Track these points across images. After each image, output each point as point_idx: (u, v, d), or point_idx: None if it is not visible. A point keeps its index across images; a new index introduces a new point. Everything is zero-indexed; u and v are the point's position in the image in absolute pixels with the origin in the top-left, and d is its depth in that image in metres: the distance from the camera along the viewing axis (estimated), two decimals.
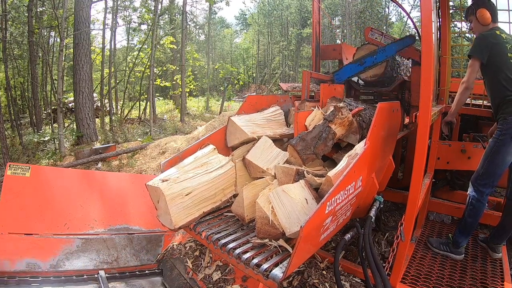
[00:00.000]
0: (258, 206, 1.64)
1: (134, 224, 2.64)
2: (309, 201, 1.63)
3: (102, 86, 11.68)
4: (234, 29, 42.30)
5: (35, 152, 8.16)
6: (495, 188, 2.40)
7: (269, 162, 2.14)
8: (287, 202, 1.60)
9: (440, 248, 2.50)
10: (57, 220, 2.33)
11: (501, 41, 2.18)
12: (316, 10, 3.42)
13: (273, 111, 2.62)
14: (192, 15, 20.99)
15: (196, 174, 1.95)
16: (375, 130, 1.73)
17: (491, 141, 2.24)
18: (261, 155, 2.18)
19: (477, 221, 2.34)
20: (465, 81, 2.30)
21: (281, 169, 1.90)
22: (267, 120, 2.52)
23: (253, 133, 2.28)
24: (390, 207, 3.47)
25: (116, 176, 2.99)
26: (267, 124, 2.49)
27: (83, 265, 2.26)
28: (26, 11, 9.78)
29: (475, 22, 2.33)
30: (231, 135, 2.35)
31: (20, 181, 2.29)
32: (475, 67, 2.23)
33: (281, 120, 2.61)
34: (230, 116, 2.36)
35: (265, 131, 2.38)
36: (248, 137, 2.24)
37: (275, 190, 1.66)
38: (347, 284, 2.03)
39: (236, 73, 20.39)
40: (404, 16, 27.28)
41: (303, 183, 1.72)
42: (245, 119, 2.39)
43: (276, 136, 2.39)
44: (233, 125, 2.32)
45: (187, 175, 1.92)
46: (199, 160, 2.08)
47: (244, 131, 2.25)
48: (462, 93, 2.35)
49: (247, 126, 2.31)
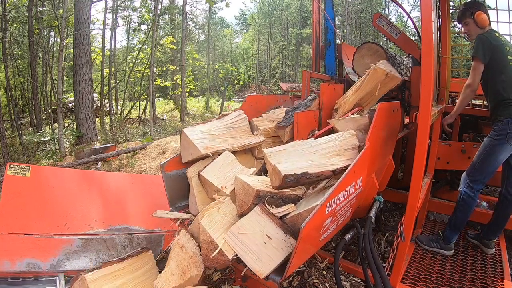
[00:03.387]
0: (202, 229, 1.49)
1: (134, 224, 2.63)
2: (272, 234, 1.41)
3: (102, 86, 11.68)
4: (234, 29, 42.35)
5: (35, 152, 8.16)
6: (485, 185, 2.42)
7: (227, 180, 1.88)
8: (249, 241, 1.43)
9: (430, 245, 2.54)
10: (57, 220, 2.33)
11: (501, 43, 2.19)
12: (316, 10, 3.42)
13: (235, 117, 2.28)
14: (192, 15, 20.99)
15: None
16: (375, 130, 1.73)
17: (486, 140, 2.27)
18: (219, 171, 1.92)
19: (468, 217, 2.37)
20: (470, 84, 2.29)
21: (241, 184, 1.62)
22: (227, 128, 2.19)
23: (207, 148, 1.97)
24: (390, 207, 3.47)
25: (116, 176, 2.99)
26: (228, 134, 2.17)
27: (83, 265, 2.26)
28: (26, 11, 9.78)
29: (472, 25, 2.33)
30: (184, 151, 2.04)
31: (20, 181, 2.29)
32: (479, 69, 2.22)
33: (244, 127, 2.28)
34: (183, 128, 2.07)
35: (223, 144, 2.07)
36: (200, 154, 1.94)
37: (230, 231, 1.48)
38: (347, 284, 2.03)
39: (236, 73, 20.42)
40: (404, 16, 27.25)
41: (259, 210, 1.48)
42: (201, 130, 2.07)
43: (235, 149, 2.12)
44: (185, 139, 2.00)
45: None
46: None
47: (196, 146, 1.94)
48: (467, 95, 2.34)
49: (201, 139, 2.00)
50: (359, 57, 2.81)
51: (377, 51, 2.71)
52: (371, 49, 2.76)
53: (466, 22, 2.37)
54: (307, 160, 1.53)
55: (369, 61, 2.73)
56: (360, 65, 2.82)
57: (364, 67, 2.77)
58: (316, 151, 1.61)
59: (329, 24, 3.21)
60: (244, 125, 2.29)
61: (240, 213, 1.63)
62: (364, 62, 2.76)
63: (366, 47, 2.80)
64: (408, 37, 3.02)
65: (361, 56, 2.78)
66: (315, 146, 1.64)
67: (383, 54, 2.64)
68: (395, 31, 2.93)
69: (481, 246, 2.55)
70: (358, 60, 2.84)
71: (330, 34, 3.24)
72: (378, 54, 2.69)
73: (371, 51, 2.74)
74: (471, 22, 2.32)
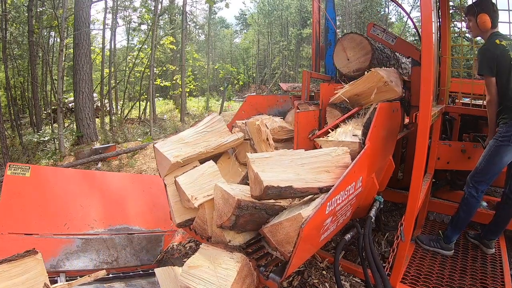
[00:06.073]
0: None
1: (134, 224, 2.64)
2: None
3: (102, 86, 11.68)
4: (234, 29, 42.36)
5: (35, 152, 8.16)
6: (490, 186, 2.42)
7: (202, 191, 1.73)
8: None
9: (430, 245, 2.54)
10: (57, 220, 2.33)
11: (503, 50, 2.18)
12: (316, 10, 3.42)
13: (208, 121, 2.15)
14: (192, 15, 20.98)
15: None
16: (375, 130, 1.73)
17: (491, 141, 2.27)
18: (197, 180, 1.78)
19: (470, 217, 2.37)
20: (490, 100, 2.27)
21: (221, 192, 1.51)
22: (202, 133, 2.07)
23: (177, 156, 1.86)
24: (390, 207, 3.47)
25: (116, 176, 2.99)
26: (203, 138, 2.05)
27: (83, 265, 2.27)
28: (26, 11, 9.79)
29: (473, 24, 2.33)
30: (160, 166, 1.93)
31: (20, 181, 2.29)
32: (492, 83, 2.22)
33: (220, 129, 2.14)
34: (154, 144, 1.96)
35: (196, 148, 1.96)
36: (171, 163, 1.82)
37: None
38: (347, 284, 2.03)
39: (236, 73, 20.41)
40: (404, 16, 27.25)
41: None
42: (172, 140, 1.98)
43: (209, 151, 2.02)
44: (158, 153, 1.89)
45: None
46: None
47: (166, 157, 1.82)
48: (493, 110, 2.32)
49: (172, 149, 1.89)
50: (340, 50, 2.56)
51: (360, 42, 2.47)
52: (354, 41, 2.51)
53: (469, 18, 2.37)
54: (293, 172, 1.43)
55: (351, 54, 2.53)
56: (340, 60, 2.59)
57: (346, 62, 2.57)
58: (304, 164, 1.49)
59: (330, 24, 3.20)
60: (219, 127, 2.14)
61: (220, 224, 1.51)
62: (346, 55, 2.54)
63: (348, 38, 2.53)
64: (404, 40, 3.01)
65: (343, 49, 2.54)
66: (305, 158, 1.53)
67: (368, 46, 2.43)
68: (391, 37, 2.91)
69: (481, 246, 2.55)
70: (338, 53, 2.59)
71: (330, 34, 3.24)
72: (361, 46, 2.47)
73: (354, 43, 2.51)
74: (473, 21, 2.32)
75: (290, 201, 1.61)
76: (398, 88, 2.01)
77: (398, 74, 2.20)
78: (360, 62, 2.49)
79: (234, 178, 2.19)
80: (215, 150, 2.05)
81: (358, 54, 2.51)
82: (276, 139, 2.30)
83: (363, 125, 1.84)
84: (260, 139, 2.07)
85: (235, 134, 2.19)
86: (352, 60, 2.53)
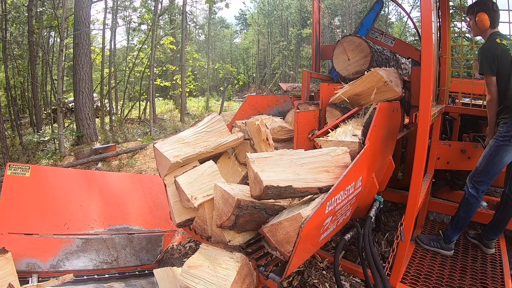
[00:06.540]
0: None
1: (134, 224, 2.63)
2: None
3: (102, 86, 11.69)
4: (234, 29, 42.34)
5: (35, 152, 8.16)
6: (490, 186, 2.42)
7: (201, 191, 1.73)
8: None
9: (430, 245, 2.55)
10: (57, 220, 2.33)
11: (503, 49, 2.19)
12: (316, 10, 3.42)
13: (208, 121, 2.15)
14: (192, 15, 21.01)
15: None
16: (375, 130, 1.73)
17: (492, 141, 2.27)
18: (196, 179, 1.79)
19: (471, 217, 2.38)
20: (490, 99, 2.29)
21: (221, 192, 1.51)
22: (202, 133, 2.07)
23: (177, 156, 1.86)
24: (390, 207, 3.47)
25: (116, 176, 2.99)
26: (203, 138, 2.05)
27: (83, 265, 2.26)
28: (26, 11, 9.79)
29: (473, 23, 2.34)
30: (160, 166, 1.94)
31: (20, 181, 2.29)
32: (493, 83, 2.23)
33: (220, 129, 2.14)
34: (154, 144, 1.96)
35: (196, 148, 1.97)
36: (171, 163, 1.83)
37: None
38: (347, 284, 2.03)
39: (236, 73, 20.41)
40: (404, 16, 27.29)
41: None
42: (172, 140, 1.98)
43: (209, 151, 2.02)
44: (158, 153, 1.90)
45: None
46: None
47: (166, 157, 1.83)
48: (493, 109, 2.32)
49: (172, 149, 1.90)
50: (340, 53, 2.59)
51: (359, 45, 2.49)
52: (353, 43, 2.52)
53: (469, 17, 2.38)
54: (293, 172, 1.43)
55: (351, 56, 2.53)
56: (340, 62, 2.61)
57: (345, 64, 2.58)
58: (303, 164, 1.49)
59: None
60: (219, 127, 2.13)
61: (219, 224, 1.52)
62: (345, 58, 2.55)
63: (347, 41, 2.54)
64: (403, 41, 3.02)
65: (342, 51, 2.56)
66: (304, 158, 1.52)
67: (367, 49, 2.45)
68: (390, 39, 2.91)
69: (481, 246, 2.55)
70: (338, 56, 2.61)
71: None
72: (360, 48, 2.48)
73: (353, 45, 2.52)
74: (473, 20, 2.33)
75: (290, 201, 1.61)
76: (398, 88, 2.02)
77: (398, 74, 2.20)
78: (360, 65, 2.50)
79: (234, 178, 2.18)
80: (215, 150, 2.05)
81: (357, 57, 2.51)
82: (276, 139, 2.29)
83: (363, 125, 1.84)
84: (260, 139, 2.07)
85: (235, 134, 2.19)
86: (352, 63, 2.54)
